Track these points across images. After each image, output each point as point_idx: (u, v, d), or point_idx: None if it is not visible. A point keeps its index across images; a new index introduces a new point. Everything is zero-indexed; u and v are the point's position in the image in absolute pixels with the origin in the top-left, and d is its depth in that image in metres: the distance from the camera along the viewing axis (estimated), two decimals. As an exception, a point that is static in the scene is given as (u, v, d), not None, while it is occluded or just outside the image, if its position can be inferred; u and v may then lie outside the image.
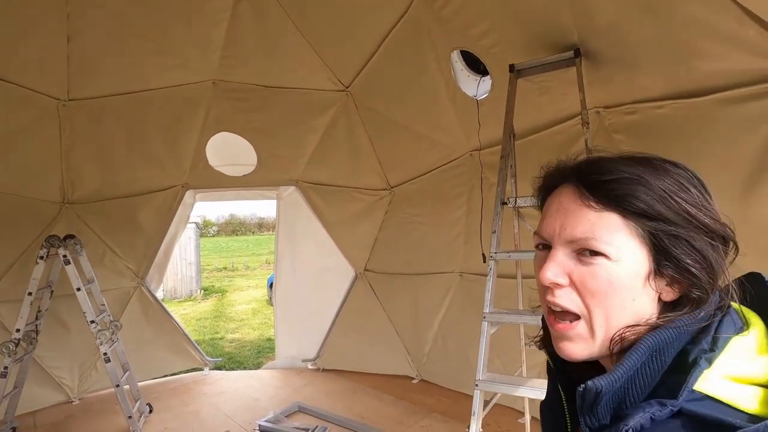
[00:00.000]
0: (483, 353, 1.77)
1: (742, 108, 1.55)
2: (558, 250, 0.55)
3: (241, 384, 4.68)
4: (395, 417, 3.81)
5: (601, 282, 0.52)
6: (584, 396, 0.51)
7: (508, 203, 2.09)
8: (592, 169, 0.55)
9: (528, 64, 2.32)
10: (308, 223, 4.81)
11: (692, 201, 0.52)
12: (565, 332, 0.55)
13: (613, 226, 0.52)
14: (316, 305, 4.99)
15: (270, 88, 3.95)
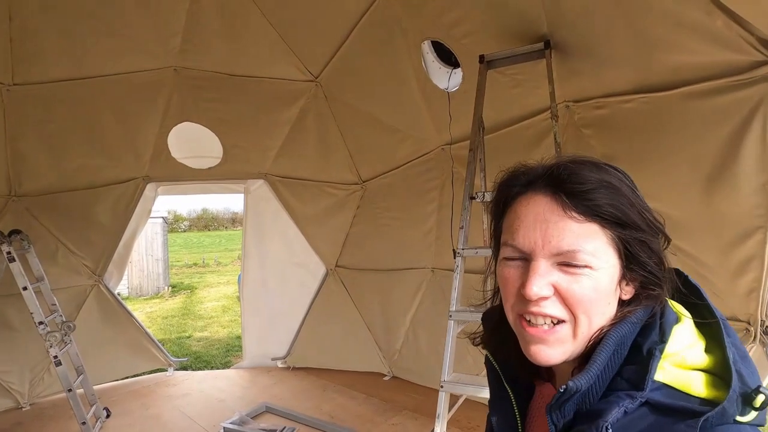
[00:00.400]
0: (449, 353, 1.71)
1: (707, 102, 1.54)
2: (540, 262, 0.53)
3: (207, 384, 4.51)
4: (366, 415, 3.75)
5: (586, 291, 0.52)
6: (562, 396, 0.52)
7: (477, 198, 2.04)
8: (569, 179, 0.54)
9: (498, 54, 2.27)
10: (277, 218, 4.67)
11: (645, 205, 0.55)
12: (544, 336, 0.54)
13: (594, 236, 0.52)
14: (286, 302, 4.86)
15: (235, 76, 3.78)
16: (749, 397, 0.47)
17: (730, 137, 1.48)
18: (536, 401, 0.66)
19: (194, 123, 4.04)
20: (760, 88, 1.35)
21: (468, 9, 2.32)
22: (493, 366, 0.69)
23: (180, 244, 28.89)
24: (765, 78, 1.32)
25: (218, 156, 4.31)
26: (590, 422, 0.49)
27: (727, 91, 1.46)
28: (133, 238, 4.70)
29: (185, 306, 9.83)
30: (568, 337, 0.54)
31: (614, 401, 0.49)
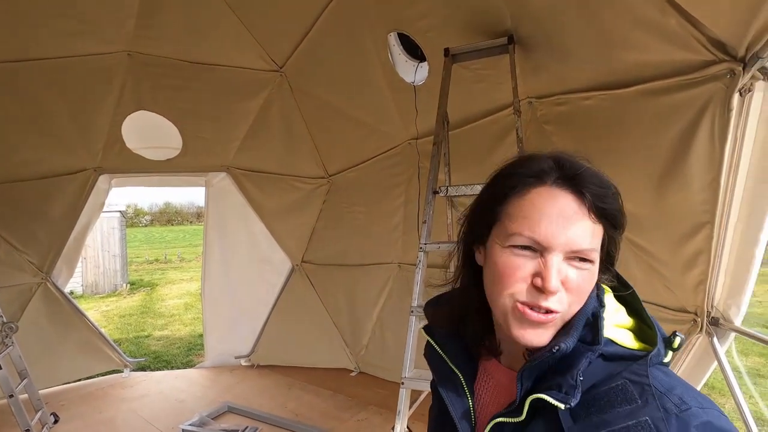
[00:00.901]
0: (410, 349, 1.69)
1: (661, 100, 1.58)
2: (556, 256, 0.57)
3: (166, 385, 4.34)
4: (331, 412, 3.71)
5: (587, 283, 0.59)
6: (551, 356, 0.57)
7: (440, 192, 2.03)
8: (592, 180, 0.58)
9: (463, 48, 2.26)
10: (241, 213, 4.53)
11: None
12: (543, 321, 0.58)
13: (599, 235, 0.59)
14: (250, 299, 4.73)
15: (195, 64, 3.60)
16: (669, 341, 0.60)
17: (681, 135, 1.53)
18: (481, 378, 0.70)
19: (151, 112, 3.83)
20: (710, 88, 1.39)
21: (432, 2, 2.30)
22: (435, 350, 0.73)
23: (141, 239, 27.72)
24: (714, 77, 1.37)
25: (177, 147, 4.11)
26: (563, 373, 0.56)
27: (679, 89, 1.50)
28: (84, 233, 4.43)
29: (145, 304, 9.43)
30: (559, 321, 0.60)
31: (579, 355, 0.56)
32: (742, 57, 1.28)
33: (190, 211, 43.50)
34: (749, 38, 1.23)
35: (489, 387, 0.69)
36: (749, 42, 1.24)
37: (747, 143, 1.40)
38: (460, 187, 2.03)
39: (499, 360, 0.69)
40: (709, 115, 1.42)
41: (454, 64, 2.33)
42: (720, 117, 1.38)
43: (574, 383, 0.54)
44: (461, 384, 0.68)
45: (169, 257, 17.54)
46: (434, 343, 0.73)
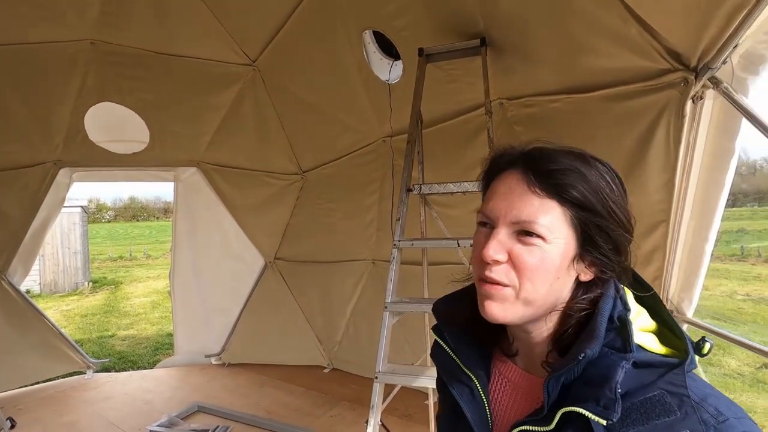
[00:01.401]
0: (383, 344, 1.72)
1: (622, 105, 1.67)
2: (501, 229, 0.59)
3: (132, 386, 4.21)
4: (304, 408, 3.70)
5: (534, 259, 0.58)
6: (578, 363, 0.56)
7: (413, 190, 2.06)
8: (539, 158, 0.59)
9: (437, 49, 2.30)
10: (211, 208, 4.43)
11: (615, 198, 0.59)
12: (492, 291, 0.60)
13: (552, 211, 0.57)
14: (221, 296, 4.65)
15: (163, 55, 3.49)
16: (698, 346, 0.58)
17: (640, 138, 1.62)
18: (496, 380, 0.69)
19: (115, 103, 3.69)
20: (666, 94, 1.48)
21: (407, 1, 2.32)
22: (446, 352, 0.71)
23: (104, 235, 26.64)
24: (670, 85, 1.46)
25: (144, 141, 3.98)
26: (599, 385, 0.54)
27: (638, 95, 1.59)
28: (43, 230, 4.23)
29: (108, 303, 9.08)
30: (510, 299, 0.59)
31: (613, 365, 0.54)
32: (694, 67, 1.38)
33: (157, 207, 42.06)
34: (700, 50, 1.32)
35: (506, 390, 0.68)
36: (701, 53, 1.33)
37: (699, 147, 1.50)
38: (433, 186, 2.07)
39: (514, 361, 0.68)
40: (665, 120, 1.51)
41: (428, 63, 2.36)
42: (675, 122, 1.47)
43: (613, 396, 0.52)
44: (476, 387, 0.67)
45: (134, 254, 16.91)
46: (445, 345, 0.72)
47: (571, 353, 0.57)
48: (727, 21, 1.17)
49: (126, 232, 28.30)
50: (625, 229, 0.60)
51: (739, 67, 1.29)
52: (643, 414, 0.52)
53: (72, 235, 10.36)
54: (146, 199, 44.73)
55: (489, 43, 2.17)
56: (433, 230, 2.64)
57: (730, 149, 1.46)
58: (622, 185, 0.61)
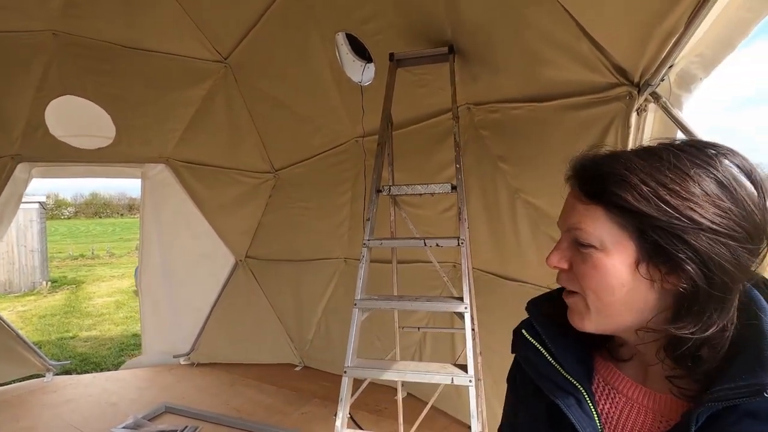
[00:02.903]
0: (352, 340, 1.78)
1: (576, 114, 1.79)
2: (563, 239, 0.61)
3: (96, 388, 4.09)
4: (275, 406, 3.71)
5: (588, 268, 0.57)
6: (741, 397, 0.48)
7: (383, 191, 2.13)
8: (586, 165, 0.59)
9: (407, 54, 2.37)
10: (181, 206, 4.36)
11: (693, 197, 0.51)
12: (569, 300, 0.62)
13: (597, 217, 0.56)
14: (190, 295, 4.58)
15: (131, 49, 3.42)
16: None
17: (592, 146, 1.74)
18: (602, 389, 0.64)
19: (79, 97, 3.58)
20: (614, 107, 1.61)
21: (380, 7, 2.38)
22: (543, 356, 0.65)
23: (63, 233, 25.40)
24: (617, 98, 1.59)
25: (110, 136, 3.87)
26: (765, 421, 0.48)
27: (591, 106, 1.71)
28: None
29: (69, 303, 8.72)
30: (581, 308, 0.59)
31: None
32: (637, 82, 1.51)
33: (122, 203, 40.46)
34: (642, 67, 1.45)
35: (616, 403, 0.62)
36: (642, 70, 1.46)
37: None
38: (402, 187, 2.15)
39: (622, 369, 0.63)
40: (613, 130, 1.65)
41: (399, 68, 2.44)
42: (622, 132, 1.61)
43: None
44: (585, 399, 0.61)
45: (96, 252, 16.25)
46: (542, 348, 0.66)
47: (745, 385, 0.48)
48: (663, 42, 1.30)
49: (88, 230, 27.09)
50: (718, 231, 0.50)
51: (675, 84, 1.42)
52: None
53: (29, 232, 9.87)
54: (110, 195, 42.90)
55: (457, 50, 2.27)
56: (403, 230, 2.72)
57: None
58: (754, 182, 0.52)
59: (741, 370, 0.50)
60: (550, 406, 0.63)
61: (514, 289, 2.64)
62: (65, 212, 36.14)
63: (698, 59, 1.35)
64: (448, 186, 1.97)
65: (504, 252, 2.67)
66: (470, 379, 1.61)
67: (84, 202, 39.79)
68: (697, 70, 1.38)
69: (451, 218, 3.15)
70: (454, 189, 1.96)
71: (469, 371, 1.63)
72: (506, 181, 2.45)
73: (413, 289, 3.01)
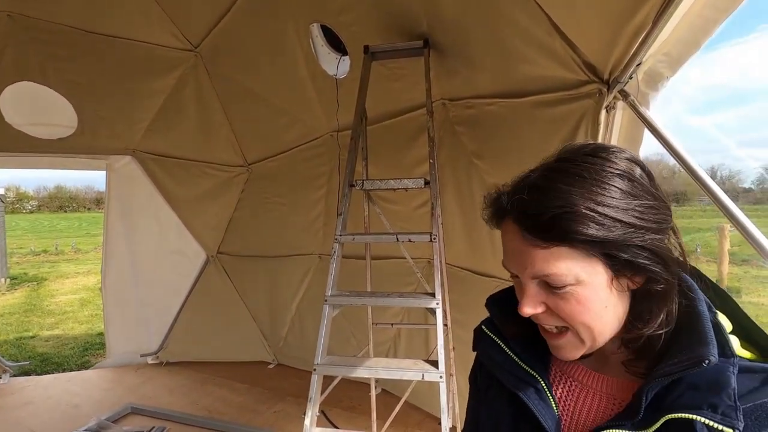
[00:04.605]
0: (323, 336, 1.75)
1: (548, 111, 1.81)
2: (528, 284, 0.57)
3: (57, 390, 3.92)
4: (248, 405, 3.64)
5: (571, 305, 0.56)
6: (685, 370, 0.52)
7: (356, 186, 2.10)
8: (527, 207, 0.54)
9: (382, 47, 2.34)
10: (148, 200, 4.21)
11: (632, 206, 0.53)
12: (556, 339, 0.59)
13: (565, 257, 0.54)
14: (159, 292, 4.44)
15: (92, 34, 3.25)
16: None
17: (563, 141, 1.75)
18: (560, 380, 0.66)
19: (38, 84, 3.39)
20: (584, 104, 1.63)
21: (355, -2, 2.34)
22: (502, 349, 0.67)
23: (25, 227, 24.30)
24: (588, 95, 1.61)
25: (72, 125, 3.69)
26: (715, 392, 0.51)
27: (562, 103, 1.73)
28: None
29: (29, 301, 8.33)
30: (576, 341, 0.58)
31: (722, 370, 0.51)
32: (607, 80, 1.53)
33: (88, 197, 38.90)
34: (611, 65, 1.46)
35: (573, 391, 0.64)
36: (611, 68, 1.48)
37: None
38: (375, 182, 2.12)
39: (579, 361, 0.64)
40: (584, 126, 1.66)
41: (374, 61, 2.40)
42: (591, 129, 1.63)
43: (733, 404, 0.49)
44: (543, 388, 0.63)
45: (60, 248, 15.58)
46: (500, 341, 0.67)
47: (686, 358, 0.52)
48: (631, 40, 1.32)
49: (51, 224, 25.94)
50: (656, 228, 0.54)
51: (643, 83, 1.45)
52: (760, 419, 0.50)
53: (-14, 226, 9.38)
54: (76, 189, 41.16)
55: (432, 44, 2.25)
56: (377, 225, 2.70)
57: (636, 156, 1.64)
58: (642, 177, 0.55)
59: (682, 346, 0.54)
60: (510, 399, 0.65)
61: (489, 284, 2.66)
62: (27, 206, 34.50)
63: (665, 58, 1.38)
64: (421, 181, 1.96)
65: (478, 248, 2.69)
66: (441, 375, 1.60)
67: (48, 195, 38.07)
68: (663, 69, 1.40)
69: (426, 214, 3.14)
70: (427, 184, 1.95)
71: (440, 367, 1.62)
72: (481, 176, 2.46)
73: (387, 285, 2.99)
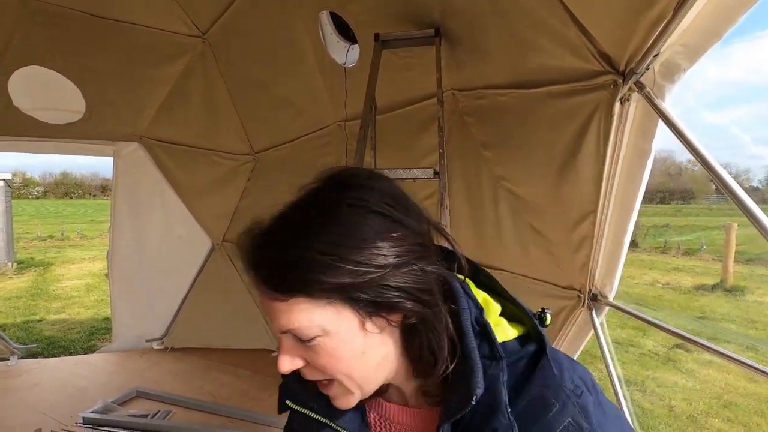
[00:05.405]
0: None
1: (561, 102, 1.79)
2: (281, 339, 0.55)
3: (64, 372, 3.97)
4: (251, 392, 3.68)
5: (323, 357, 0.53)
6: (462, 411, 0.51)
7: (365, 174, 2.09)
8: (261, 257, 0.53)
9: (392, 36, 2.32)
10: (155, 187, 4.23)
11: (371, 246, 0.50)
12: (327, 393, 0.58)
13: (305, 309, 0.51)
14: (164, 279, 4.47)
15: (103, 19, 3.24)
16: (541, 318, 0.59)
17: (576, 133, 1.75)
18: (377, 425, 0.64)
19: (46, 68, 3.39)
20: (598, 95, 1.61)
21: (366, -15, 2.31)
22: (304, 414, 0.64)
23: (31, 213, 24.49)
24: (602, 86, 1.58)
25: (80, 110, 3.70)
26: (492, 412, 0.50)
27: (576, 94, 1.71)
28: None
29: (36, 285, 8.42)
30: (344, 391, 0.56)
31: (496, 383, 0.51)
32: (622, 70, 1.51)
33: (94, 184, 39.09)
34: (628, 55, 1.44)
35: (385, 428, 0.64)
36: (628, 58, 1.45)
37: (624, 145, 1.66)
38: (384, 171, 2.11)
39: (387, 398, 0.64)
40: (597, 118, 1.65)
41: (384, 50, 2.38)
42: (605, 121, 1.61)
43: (509, 421, 0.50)
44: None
45: (67, 234, 15.71)
46: (309, 411, 0.62)
47: (458, 399, 0.52)
48: (650, 29, 1.30)
49: (57, 210, 26.14)
50: (400, 263, 0.51)
51: (660, 75, 1.42)
52: (530, 418, 0.50)
53: (-7, 211, 9.45)
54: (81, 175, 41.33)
55: (444, 33, 2.22)
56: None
57: (647, 150, 1.62)
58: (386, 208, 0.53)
59: (457, 376, 0.54)
60: None
61: (495, 276, 2.65)
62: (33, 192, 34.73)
63: (683, 49, 1.35)
64: (430, 171, 1.95)
65: (484, 240, 2.68)
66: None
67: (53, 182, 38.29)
68: (681, 60, 1.38)
69: (433, 206, 3.13)
70: (436, 174, 1.94)
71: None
72: (489, 168, 2.44)
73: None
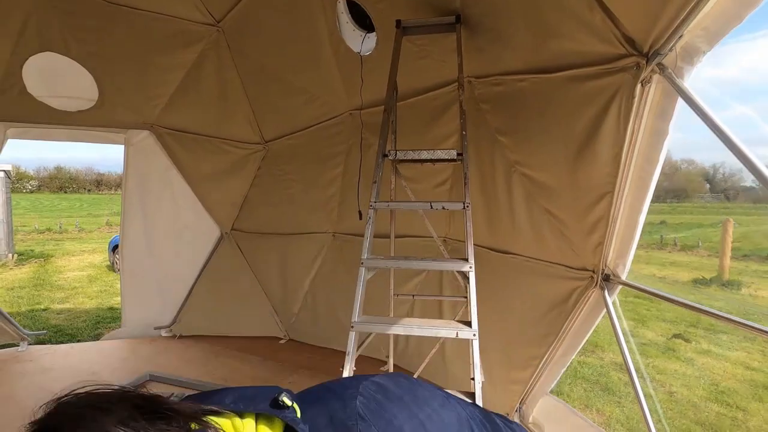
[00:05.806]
0: (359, 297, 1.82)
1: (582, 86, 1.85)
2: None
3: (74, 358, 4.01)
4: (262, 376, 3.74)
5: None
6: None
7: (389, 155, 2.15)
8: None
9: (413, 22, 2.37)
10: (165, 175, 4.25)
11: None
12: None
13: None
14: (173, 266, 4.50)
15: (117, 5, 3.26)
16: (278, 404, 0.62)
17: (596, 116, 1.81)
18: None
19: (60, 55, 3.41)
20: (620, 77, 1.68)
21: (386, -27, 2.36)
22: None
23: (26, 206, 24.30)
24: (624, 69, 1.65)
25: (92, 98, 3.71)
26: None
27: (597, 77, 1.77)
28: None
29: (38, 276, 8.40)
30: None
31: None
32: (646, 53, 1.57)
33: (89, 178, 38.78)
34: (653, 37, 1.51)
35: None
36: (652, 40, 1.52)
37: (642, 127, 1.72)
38: (408, 152, 2.18)
39: None
40: (617, 100, 1.71)
41: (404, 36, 2.44)
42: (625, 103, 1.67)
43: None
44: None
45: (65, 227, 15.63)
46: None
47: None
48: (676, 13, 1.36)
49: (53, 204, 25.92)
50: None
51: (680, 57, 1.49)
52: None
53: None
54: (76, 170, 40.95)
55: (464, 20, 2.28)
56: (400, 195, 2.76)
57: (664, 130, 1.69)
58: None
59: None
60: None
61: (507, 261, 2.72)
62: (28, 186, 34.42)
63: (703, 32, 1.42)
64: (453, 152, 2.02)
65: (497, 225, 2.75)
66: (474, 333, 1.68)
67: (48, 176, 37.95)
68: (701, 44, 1.45)
69: (445, 192, 3.21)
70: (459, 155, 2.00)
71: (473, 326, 1.70)
72: (504, 154, 2.51)
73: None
